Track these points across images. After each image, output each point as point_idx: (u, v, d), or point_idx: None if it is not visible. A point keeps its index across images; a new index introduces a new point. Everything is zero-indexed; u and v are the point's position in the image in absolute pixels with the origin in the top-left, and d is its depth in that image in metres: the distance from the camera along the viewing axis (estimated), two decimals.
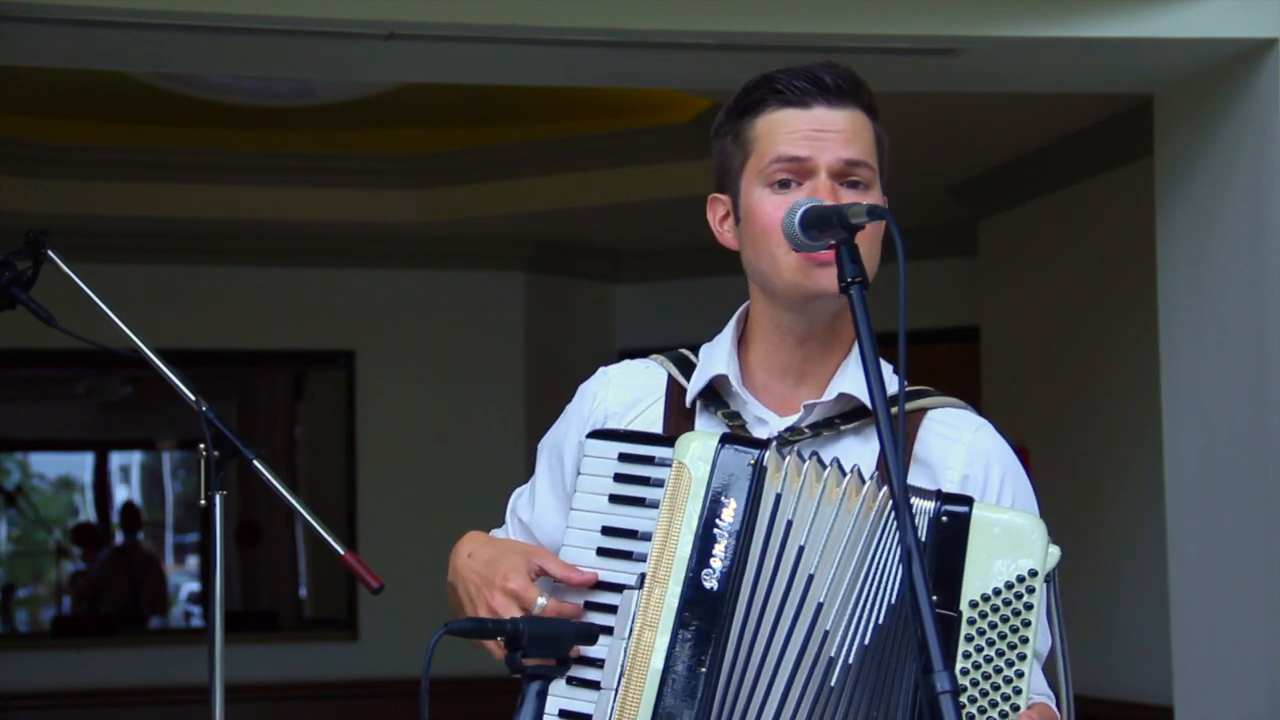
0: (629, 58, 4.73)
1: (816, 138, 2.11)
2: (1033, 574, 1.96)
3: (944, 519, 1.99)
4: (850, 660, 1.98)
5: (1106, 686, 6.45)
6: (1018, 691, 1.95)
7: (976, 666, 1.96)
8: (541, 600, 2.06)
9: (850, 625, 1.99)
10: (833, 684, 1.98)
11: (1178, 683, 5.11)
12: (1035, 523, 2.00)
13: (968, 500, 2.01)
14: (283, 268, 8.69)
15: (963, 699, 1.95)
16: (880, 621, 1.98)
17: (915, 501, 1.98)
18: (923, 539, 1.98)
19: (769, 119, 2.14)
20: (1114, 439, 6.78)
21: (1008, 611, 1.96)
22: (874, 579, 1.99)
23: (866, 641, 1.98)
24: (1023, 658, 1.95)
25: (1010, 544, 1.98)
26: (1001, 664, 1.95)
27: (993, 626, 1.96)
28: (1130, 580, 6.61)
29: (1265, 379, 4.69)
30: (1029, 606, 1.96)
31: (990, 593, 1.97)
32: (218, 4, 4.27)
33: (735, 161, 2.17)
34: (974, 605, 1.97)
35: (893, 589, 1.99)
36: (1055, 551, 1.99)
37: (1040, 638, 2.03)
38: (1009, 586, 1.97)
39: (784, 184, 2.12)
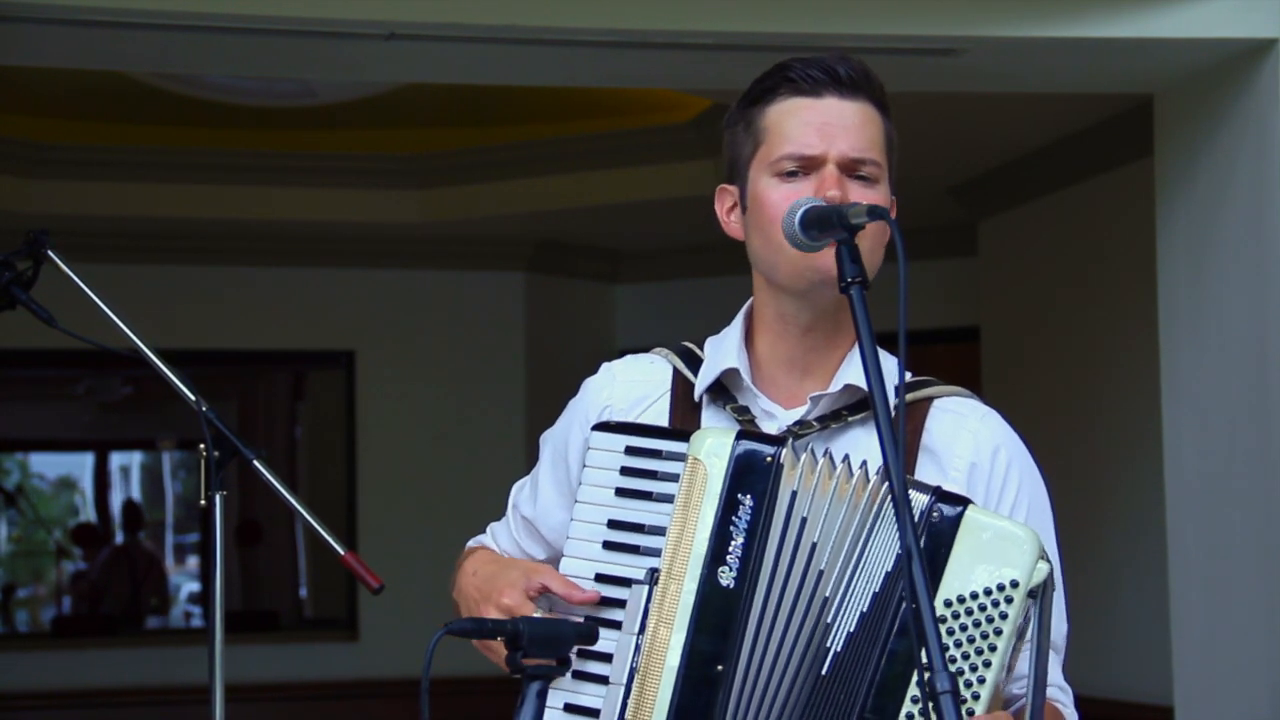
0: (629, 58, 4.73)
1: (826, 129, 2.10)
2: (1014, 585, 1.94)
3: (934, 516, 1.98)
4: (840, 649, 1.98)
5: (1107, 687, 6.45)
6: (975, 697, 1.92)
7: None
8: (538, 614, 2.05)
9: (844, 615, 1.99)
10: (823, 672, 1.98)
11: (1178, 683, 5.10)
12: (1029, 536, 1.97)
13: (964, 501, 2.00)
14: (283, 268, 8.69)
15: (914, 691, 1.94)
16: (865, 609, 1.99)
17: (911, 494, 1.96)
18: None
19: (780, 107, 2.13)
20: (1114, 439, 6.77)
21: (980, 617, 1.94)
22: (865, 568, 2.00)
23: (852, 629, 1.99)
24: (988, 665, 1.93)
25: (997, 552, 1.95)
26: (965, 667, 1.93)
27: (963, 629, 1.94)
28: (1130, 580, 6.61)
29: (1265, 379, 4.69)
30: (1004, 616, 1.93)
31: (967, 595, 1.95)
32: (218, 4, 4.27)
33: (745, 150, 2.16)
34: (947, 604, 1.95)
35: (878, 578, 1.99)
36: (1044, 568, 1.95)
37: (1055, 629, 2.01)
38: (986, 593, 1.94)
39: (792, 174, 2.11)
